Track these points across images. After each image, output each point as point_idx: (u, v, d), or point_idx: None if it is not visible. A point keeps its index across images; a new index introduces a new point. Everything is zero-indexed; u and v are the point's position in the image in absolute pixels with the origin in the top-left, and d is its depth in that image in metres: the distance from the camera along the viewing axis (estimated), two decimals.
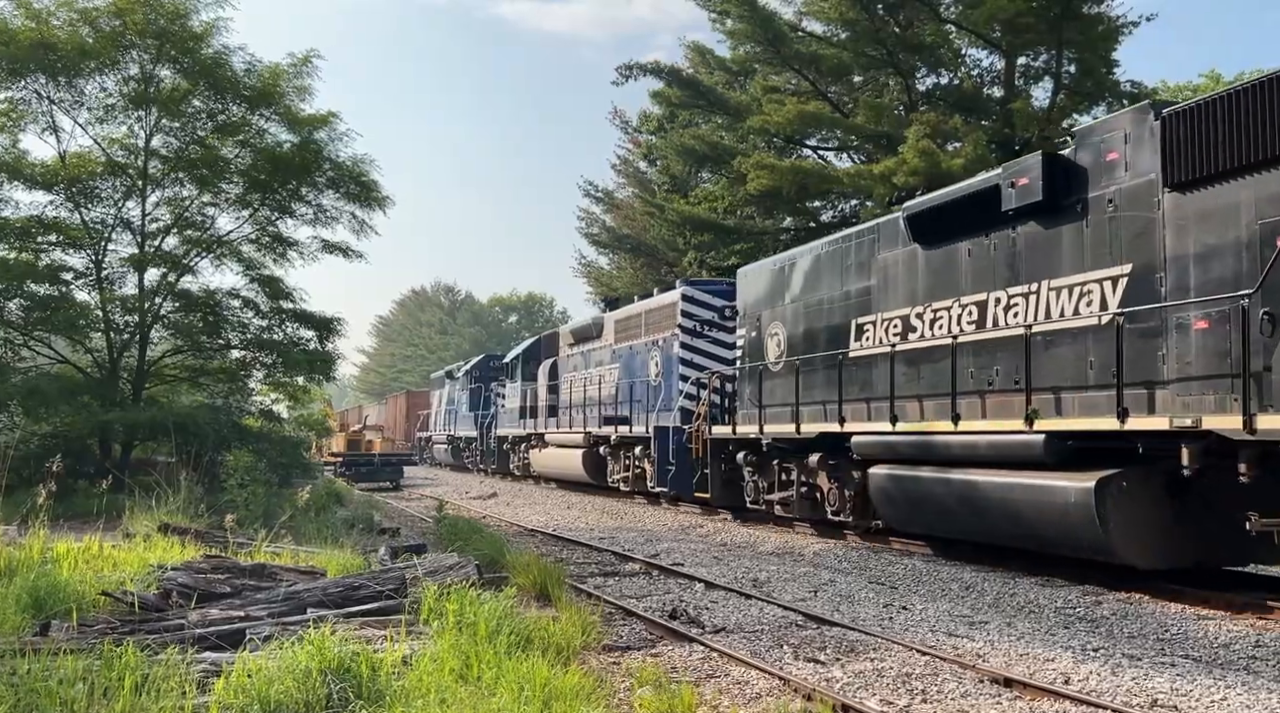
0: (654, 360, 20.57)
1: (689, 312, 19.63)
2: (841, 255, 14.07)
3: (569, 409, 25.26)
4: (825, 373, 13.95)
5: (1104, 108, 26.02)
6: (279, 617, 6.73)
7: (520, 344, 33.51)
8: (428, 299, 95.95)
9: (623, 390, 21.80)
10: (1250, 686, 6.23)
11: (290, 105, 18.31)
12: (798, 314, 15.05)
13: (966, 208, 11.46)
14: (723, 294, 19.39)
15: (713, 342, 19.41)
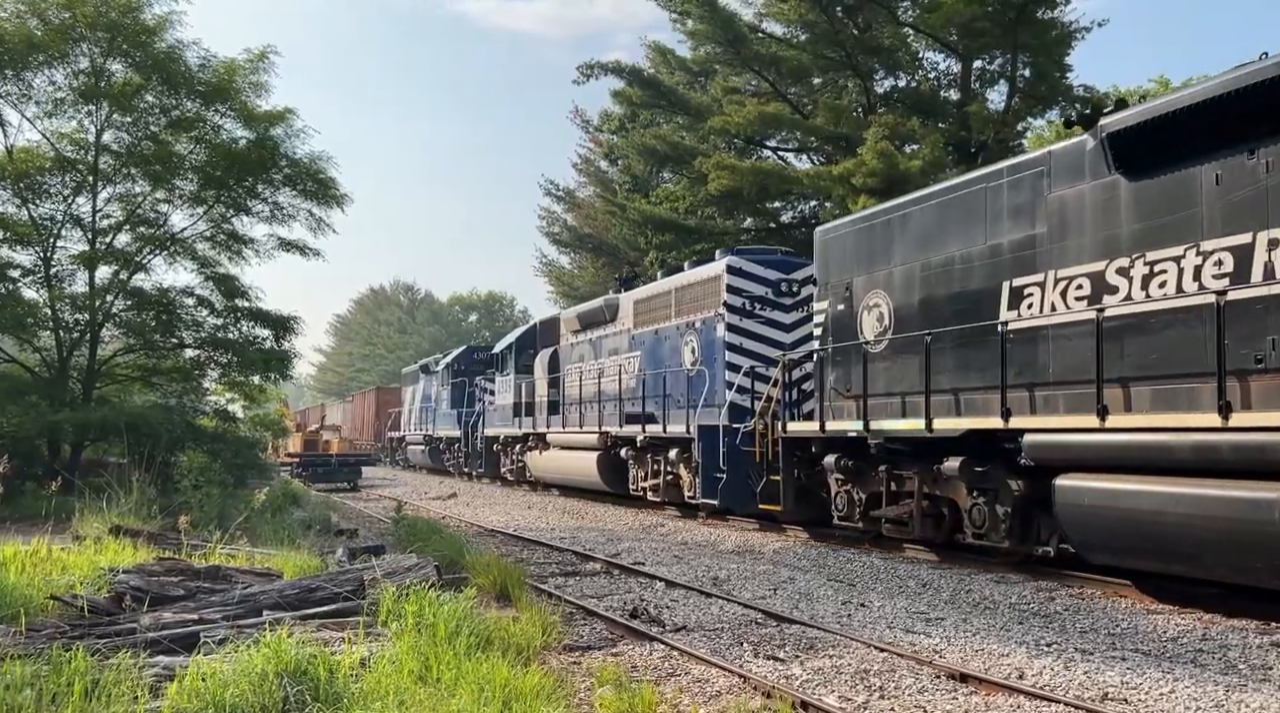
0: (690, 346, 17.52)
1: (737, 287, 16.41)
2: (982, 200, 10.86)
3: (577, 405, 21.85)
4: (959, 353, 10.92)
5: (1057, 111, 26.49)
6: (234, 619, 6.63)
7: (511, 332, 29.63)
8: (387, 298, 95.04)
9: (648, 383, 18.61)
10: (1197, 678, 6.38)
11: (246, 101, 18.05)
12: (910, 279, 11.89)
13: (1216, 113, 8.38)
14: (777, 265, 16.62)
15: (766, 322, 16.35)
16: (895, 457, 11.78)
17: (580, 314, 23.03)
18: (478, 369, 31.25)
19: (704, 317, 17.19)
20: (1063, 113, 26.40)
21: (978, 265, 10.84)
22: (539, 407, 24.05)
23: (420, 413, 37.51)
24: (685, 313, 17.91)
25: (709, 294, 17.06)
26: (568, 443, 21.67)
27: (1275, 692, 6.10)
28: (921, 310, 11.65)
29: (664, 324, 18.68)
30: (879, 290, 12.45)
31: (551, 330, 25.18)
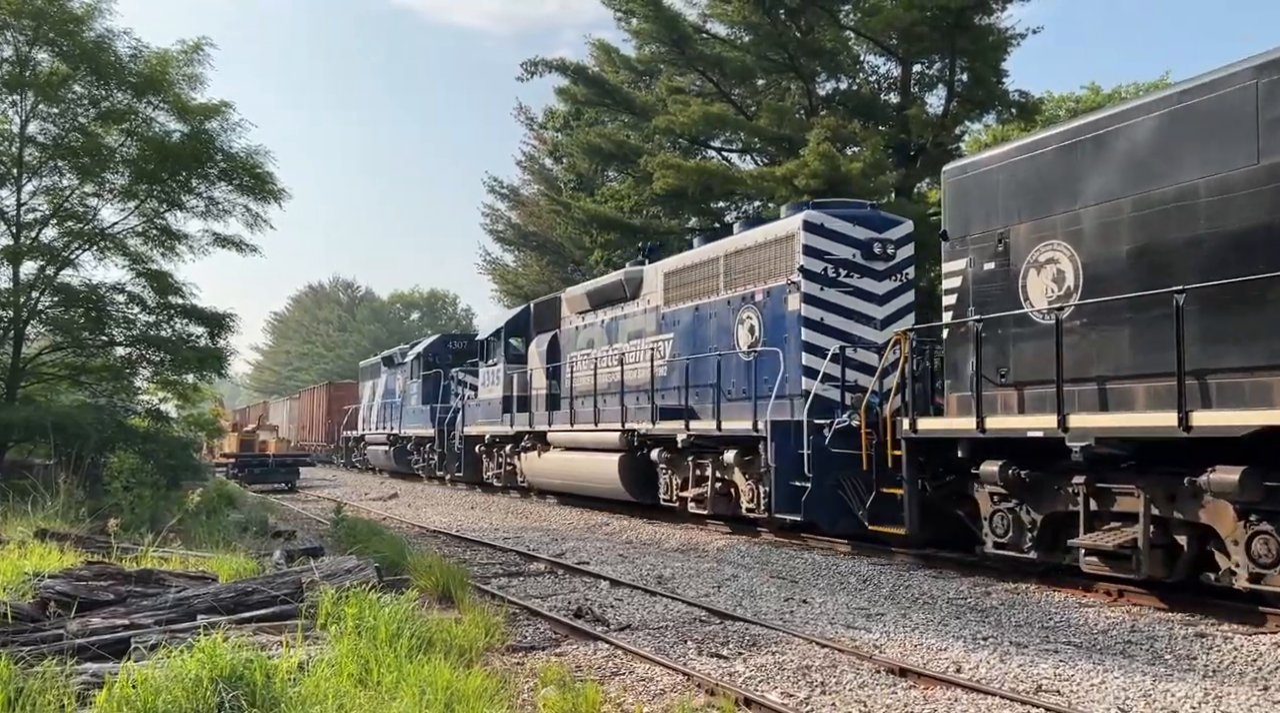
0: (747, 325, 14.46)
1: (816, 248, 13.31)
2: (1247, 102, 7.90)
3: (589, 398, 18.41)
4: (1209, 319, 8.00)
5: (993, 116, 27.04)
6: (167, 624, 6.46)
7: (498, 315, 25.79)
8: (326, 295, 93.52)
9: (689, 371, 15.39)
10: (1126, 668, 6.56)
11: (180, 94, 17.61)
12: (1112, 222, 8.91)
13: None
14: (867, 221, 13.60)
15: (853, 293, 13.35)
16: (1099, 466, 8.82)
17: (590, 292, 19.50)
18: (454, 360, 28.09)
19: (768, 287, 13.99)
20: (999, 118, 27.02)
21: (1242, 196, 7.91)
22: (535, 401, 20.77)
23: (382, 410, 33.78)
24: (741, 284, 14.72)
25: (776, 258, 13.91)
26: (576, 443, 18.20)
27: (1199, 681, 6.30)
28: (1134, 264, 8.67)
29: (709, 299, 15.51)
30: (1056, 242, 9.40)
31: (550, 312, 21.69)
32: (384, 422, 33.32)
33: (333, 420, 41.73)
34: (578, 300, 20.12)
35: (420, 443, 29.20)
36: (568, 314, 20.59)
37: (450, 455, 26.02)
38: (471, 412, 24.54)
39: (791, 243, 13.61)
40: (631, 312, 17.96)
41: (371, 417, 35.46)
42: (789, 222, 13.87)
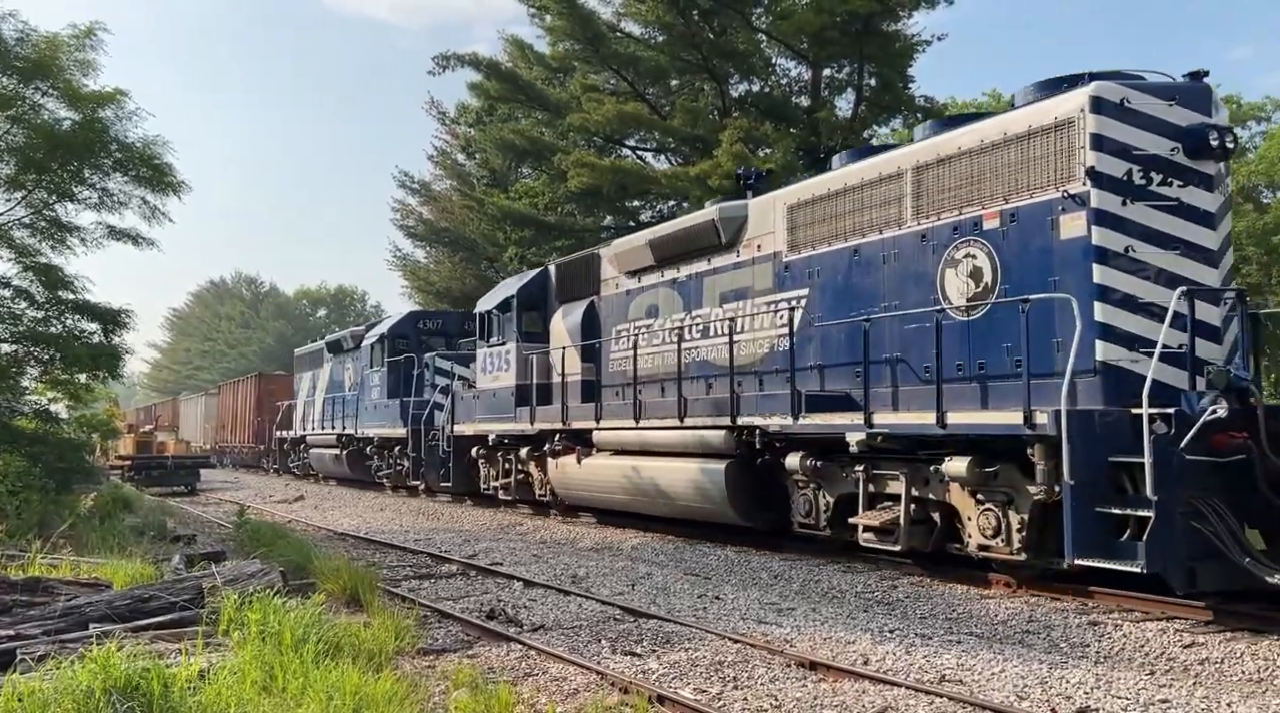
0: (967, 266, 9.77)
1: (1115, 141, 8.68)
2: None
3: (654, 385, 14.11)
4: None
5: (900, 120, 27.73)
6: (56, 634, 6.18)
7: (509, 283, 19.45)
8: (228, 291, 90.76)
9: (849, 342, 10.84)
10: (1024, 657, 6.81)
11: (71, 80, 16.83)
12: None
13: None
14: (1192, 99, 8.88)
15: (1175, 210, 8.69)
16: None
17: (655, 242, 14.42)
18: (426, 342, 23.47)
19: (1013, 208, 9.33)
20: (905, 122, 27.73)
21: None
22: (563, 390, 15.67)
23: (328, 405, 28.38)
24: (949, 207, 9.98)
25: (1032, 162, 9.20)
26: (644, 445, 13.73)
27: (1092, 667, 6.57)
28: None
29: (878, 235, 10.77)
30: None
31: (580, 276, 16.56)
32: (330, 419, 27.79)
33: (264, 418, 35.98)
34: (632, 256, 14.89)
35: (385, 445, 23.80)
36: (613, 276, 15.52)
37: (430, 460, 20.74)
38: (464, 405, 19.25)
39: (1068, 134, 8.86)
40: (725, 264, 13.11)
41: (314, 414, 29.98)
42: (1060, 102, 9.01)
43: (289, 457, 32.55)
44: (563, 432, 15.65)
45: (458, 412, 19.53)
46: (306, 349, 33.69)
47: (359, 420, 25.38)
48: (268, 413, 35.62)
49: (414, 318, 25.20)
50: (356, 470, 25.73)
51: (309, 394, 30.93)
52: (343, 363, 27.80)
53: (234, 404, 41.22)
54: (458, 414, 19.51)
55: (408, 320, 24.94)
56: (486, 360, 18.56)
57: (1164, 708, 5.59)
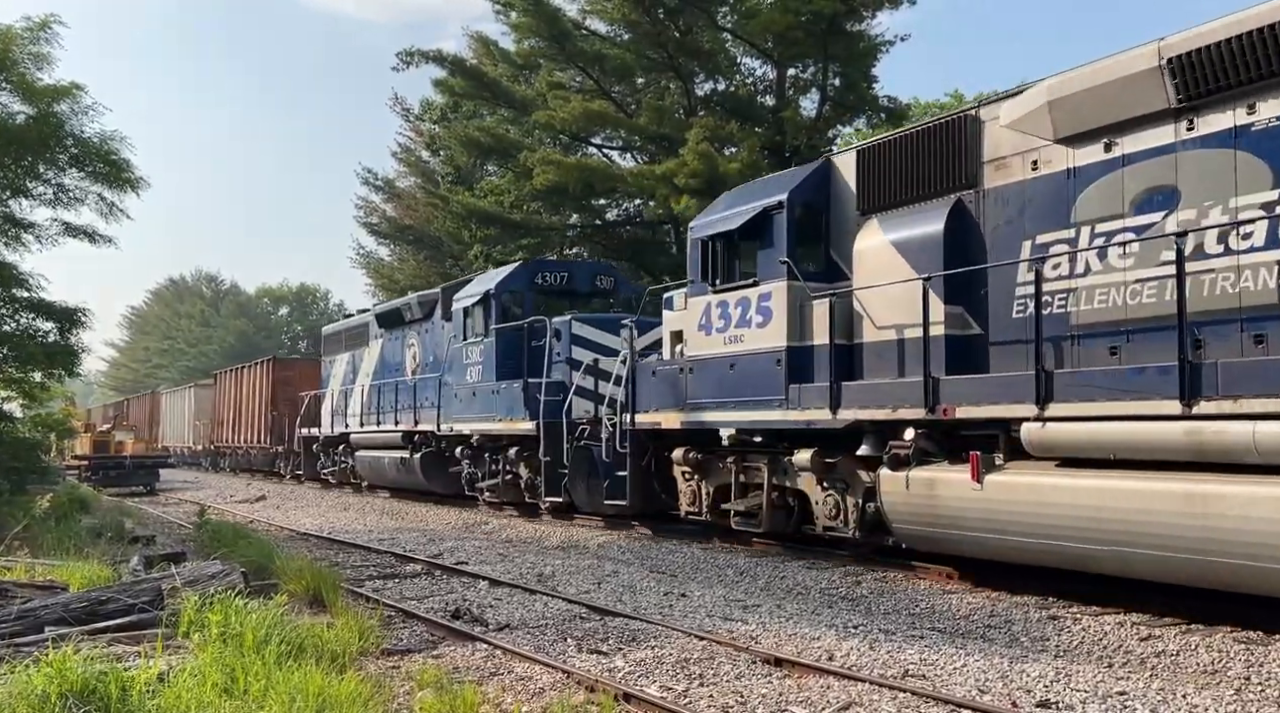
0: None
1: None
2: None
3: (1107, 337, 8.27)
4: None
5: (864, 120, 27.94)
6: (10, 638, 6.07)
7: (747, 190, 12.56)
8: (187, 289, 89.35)
9: None
10: (986, 652, 6.90)
11: (25, 74, 16.49)
12: None
13: None
14: None
15: None
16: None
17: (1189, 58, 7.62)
18: (549, 303, 17.11)
19: None
20: (869, 121, 27.95)
21: None
22: (903, 354, 9.82)
23: (378, 395, 22.06)
24: None
25: None
26: (1175, 449, 7.32)
27: (1051, 660, 6.67)
28: None
29: None
30: None
31: (925, 163, 9.94)
32: (385, 412, 21.54)
33: (280, 414, 29.71)
34: (1096, 100, 8.28)
35: (496, 446, 17.16)
36: (1019, 149, 9.09)
37: (580, 469, 14.57)
38: (655, 386, 13.08)
39: None
40: None
41: (353, 406, 23.52)
42: None
43: (319, 461, 26.02)
44: (923, 425, 9.24)
45: (641, 395, 13.26)
46: (340, 326, 26.95)
47: (443, 412, 18.50)
48: (285, 407, 29.38)
49: (530, 271, 17.69)
50: (436, 481, 19.18)
51: (346, 382, 24.46)
52: (401, 339, 21.52)
53: (237, 397, 34.29)
54: (641, 399, 13.25)
55: (521, 274, 17.49)
56: (711, 314, 11.89)
57: (1122, 700, 5.69)
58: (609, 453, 13.66)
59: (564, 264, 19.87)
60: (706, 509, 12.44)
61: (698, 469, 12.45)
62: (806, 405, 10.46)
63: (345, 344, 25.17)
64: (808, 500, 11.02)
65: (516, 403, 15.99)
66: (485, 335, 17.16)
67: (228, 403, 35.59)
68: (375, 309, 23.86)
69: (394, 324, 22.04)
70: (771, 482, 11.38)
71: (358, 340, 24.21)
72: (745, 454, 11.80)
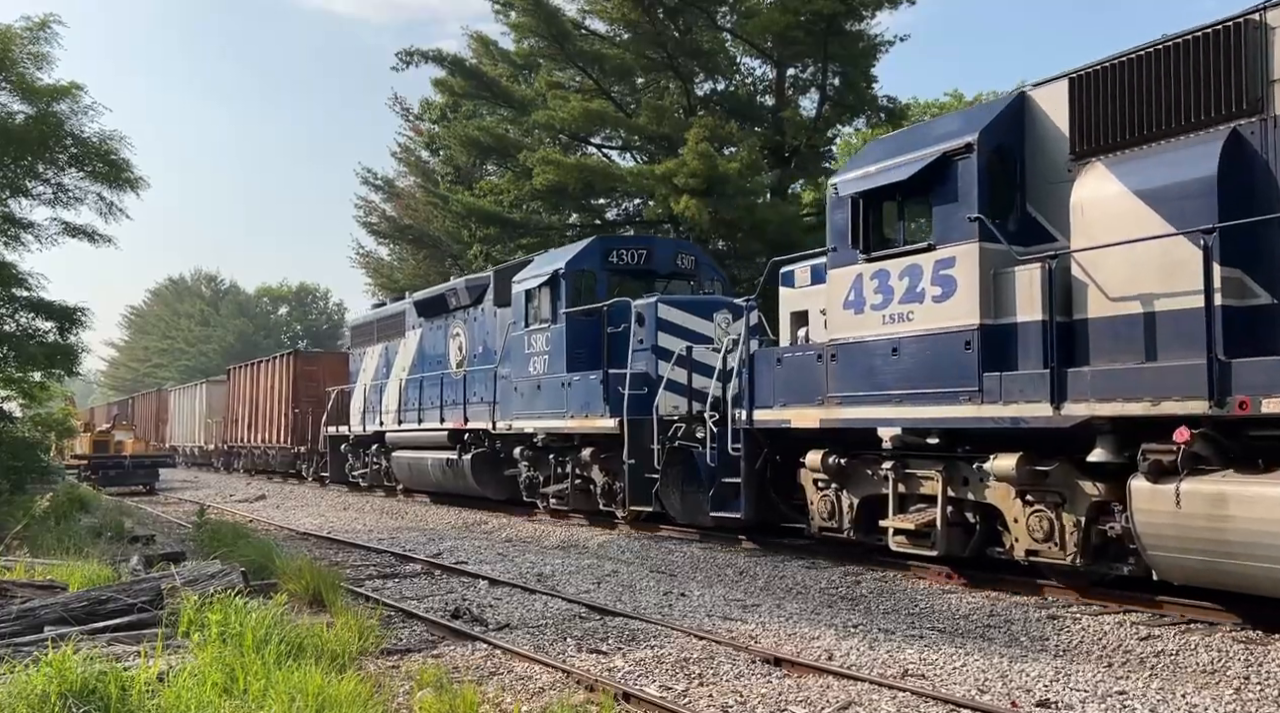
0: None
1: None
2: None
3: None
4: None
5: (864, 120, 27.94)
6: (10, 638, 6.07)
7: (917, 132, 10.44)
8: (187, 288, 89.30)
9: None
10: (985, 651, 6.90)
11: (25, 73, 16.49)
12: None
13: None
14: None
15: None
16: None
17: None
18: (624, 285, 15.25)
19: None
20: (869, 122, 27.94)
21: None
22: (1153, 328, 7.65)
23: (416, 390, 20.13)
24: None
25: None
26: None
27: (1051, 660, 6.68)
28: None
29: None
30: None
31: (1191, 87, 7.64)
32: (425, 409, 19.58)
33: (302, 411, 27.72)
34: None
35: (565, 447, 15.27)
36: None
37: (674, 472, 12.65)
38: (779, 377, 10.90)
39: None
40: None
41: (387, 403, 21.62)
42: None
43: (346, 462, 24.28)
44: (1203, 422, 7.14)
45: (760, 388, 11.09)
46: (371, 315, 24.60)
47: (499, 409, 16.64)
48: (308, 404, 27.40)
49: (603, 247, 15.61)
50: (489, 485, 17.22)
51: (379, 376, 22.58)
52: (444, 328, 19.64)
53: (253, 394, 32.11)
54: (760, 392, 11.09)
55: (593, 252, 15.47)
56: (863, 287, 9.71)
57: (1121, 700, 5.69)
58: (716, 456, 11.63)
59: (642, 240, 17.87)
60: (849, 525, 10.18)
61: (838, 477, 10.21)
62: (1011, 398, 8.25)
63: (377, 335, 23.15)
64: (997, 517, 8.91)
65: (594, 397, 13.98)
66: (553, 321, 15.09)
67: (243, 400, 33.37)
68: (413, 297, 21.58)
69: (435, 312, 20.05)
70: (948, 494, 9.18)
71: (392, 331, 22.29)
72: (906, 459, 9.49)
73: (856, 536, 10.16)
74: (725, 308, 13.45)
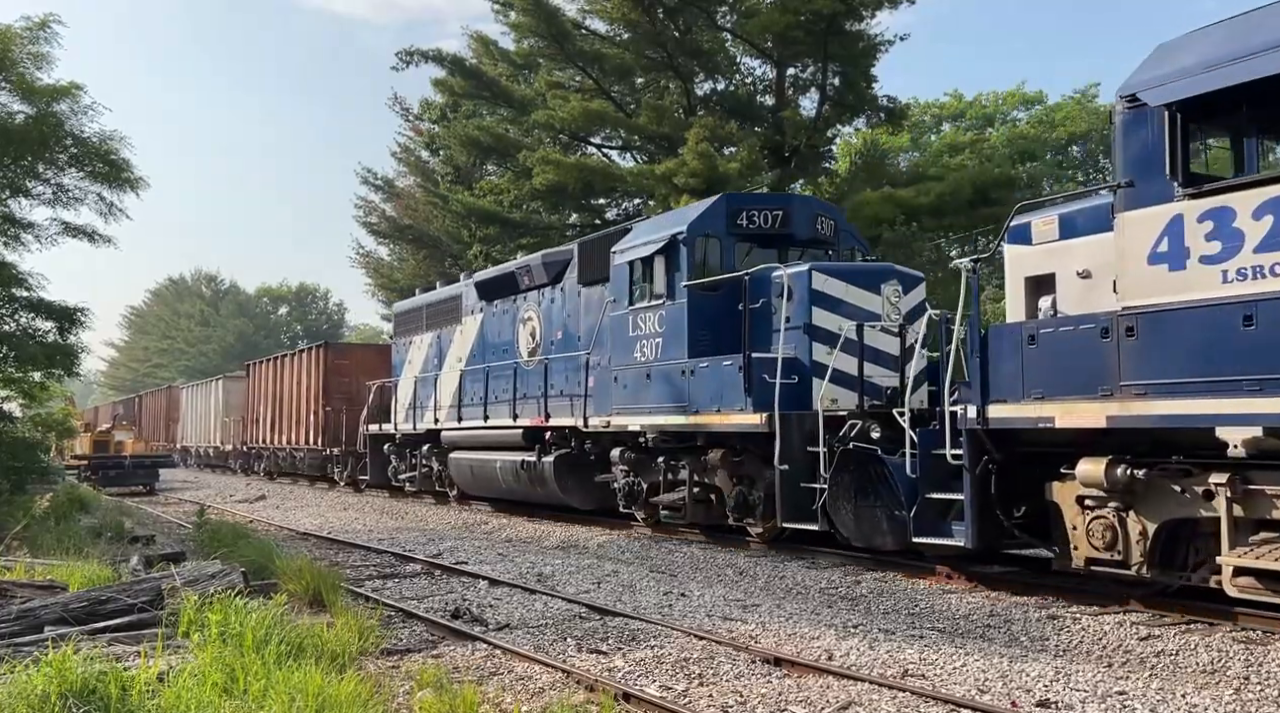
0: None
1: None
2: None
3: None
4: None
5: (864, 120, 27.94)
6: (10, 638, 6.07)
7: None
8: (187, 288, 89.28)
9: None
10: (985, 651, 6.90)
11: (24, 73, 16.49)
12: None
13: None
14: None
15: None
16: None
17: None
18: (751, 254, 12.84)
19: None
20: (869, 121, 27.94)
21: None
22: None
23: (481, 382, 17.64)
24: None
25: None
26: None
27: (1051, 660, 6.68)
28: None
29: None
30: None
31: None
32: (496, 402, 17.10)
33: (335, 409, 25.24)
34: None
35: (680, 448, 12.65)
36: None
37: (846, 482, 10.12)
38: (1049, 353, 8.01)
39: None
40: None
41: (444, 396, 19.06)
42: None
43: (388, 466, 21.66)
44: None
45: (998, 375, 8.37)
46: (418, 300, 21.63)
47: (594, 403, 14.11)
48: (340, 401, 25.05)
49: (729, 207, 12.91)
50: (575, 493, 14.83)
51: (429, 367, 20.13)
52: (512, 312, 17.18)
53: (276, 391, 29.67)
54: (996, 381, 8.39)
55: (717, 213, 12.82)
56: (1184, 234, 7.14)
57: (1121, 700, 5.69)
58: (919, 464, 9.21)
59: (776, 199, 14.79)
60: (1142, 560, 7.55)
61: (1125, 496, 7.63)
62: None
63: (427, 322, 20.53)
64: None
65: (730, 388, 11.41)
66: (668, 297, 12.50)
67: (265, 397, 30.76)
68: (473, 277, 19.15)
69: (501, 294, 17.57)
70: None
71: (446, 317, 19.73)
72: (1247, 471, 6.92)
73: (1152, 573, 7.61)
74: (894, 277, 11.29)
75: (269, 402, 30.36)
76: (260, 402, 31.38)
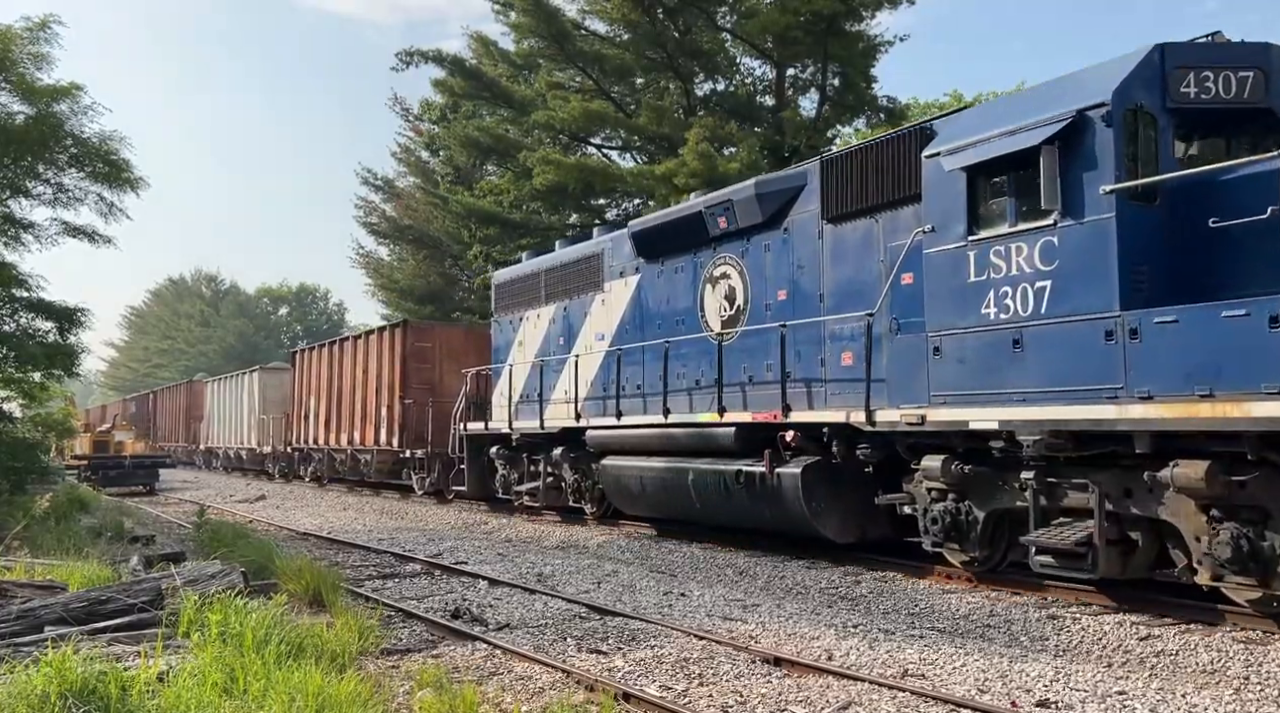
0: None
1: None
2: None
3: None
4: None
5: (864, 120, 27.93)
6: (10, 638, 6.07)
7: None
8: (187, 289, 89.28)
9: None
10: (985, 651, 6.90)
11: (25, 74, 16.49)
12: None
13: None
14: None
15: None
16: None
17: None
18: (1212, 139, 8.34)
19: None
20: (869, 122, 27.94)
21: None
22: None
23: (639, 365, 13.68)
24: None
25: None
26: None
27: (1051, 660, 6.67)
28: None
29: None
30: None
31: None
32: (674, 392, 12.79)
33: (414, 404, 20.94)
34: None
35: (1070, 461, 8.05)
36: None
37: None
38: None
39: None
40: None
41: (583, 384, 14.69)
42: None
43: (498, 473, 17.25)
44: None
45: None
46: (532, 265, 16.97)
47: (895, 389, 9.34)
48: (424, 392, 20.90)
49: (1164, 67, 7.91)
50: (831, 518, 10.61)
51: (550, 348, 15.95)
52: (691, 270, 12.99)
53: (334, 383, 25.15)
54: None
55: (1150, 74, 7.89)
56: None
57: (1121, 700, 5.69)
58: None
59: (1247, 51, 8.20)
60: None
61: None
62: None
63: (546, 293, 16.18)
64: None
65: (1238, 356, 6.73)
66: (1068, 214, 7.89)
67: (318, 391, 26.13)
68: (627, 228, 14.46)
69: (676, 246, 13.24)
70: None
71: (578, 283, 15.41)
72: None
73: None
74: None
75: (323, 395, 25.74)
76: (311, 395, 26.68)
